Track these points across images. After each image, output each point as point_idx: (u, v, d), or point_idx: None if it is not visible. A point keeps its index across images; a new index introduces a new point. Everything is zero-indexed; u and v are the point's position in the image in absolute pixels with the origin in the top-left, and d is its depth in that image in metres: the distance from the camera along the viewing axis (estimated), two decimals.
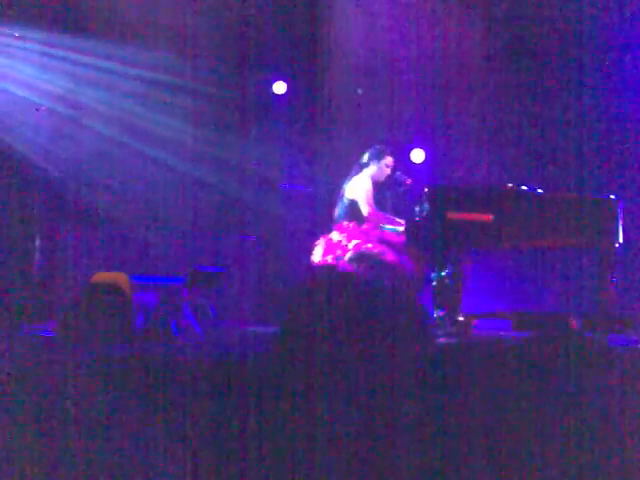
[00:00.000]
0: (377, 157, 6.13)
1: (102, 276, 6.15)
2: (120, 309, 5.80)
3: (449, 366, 2.74)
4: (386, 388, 2.69)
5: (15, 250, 7.68)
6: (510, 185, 5.55)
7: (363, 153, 6.21)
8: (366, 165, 6.14)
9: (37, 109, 8.03)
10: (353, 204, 5.99)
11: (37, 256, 7.86)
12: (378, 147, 6.23)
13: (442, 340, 5.15)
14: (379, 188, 6.22)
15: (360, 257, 5.66)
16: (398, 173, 6.23)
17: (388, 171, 6.17)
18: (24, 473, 2.90)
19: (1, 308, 6.59)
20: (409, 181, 6.19)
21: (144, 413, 3.16)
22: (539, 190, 5.51)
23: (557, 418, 2.51)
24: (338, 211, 6.12)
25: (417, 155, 8.28)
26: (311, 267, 5.76)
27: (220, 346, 5.69)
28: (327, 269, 5.32)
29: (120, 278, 6.00)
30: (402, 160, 7.45)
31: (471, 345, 2.95)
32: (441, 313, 5.62)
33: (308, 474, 2.61)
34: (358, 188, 6.00)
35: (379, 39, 8.24)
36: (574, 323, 5.59)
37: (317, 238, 6.08)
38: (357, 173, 6.14)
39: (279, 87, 8.51)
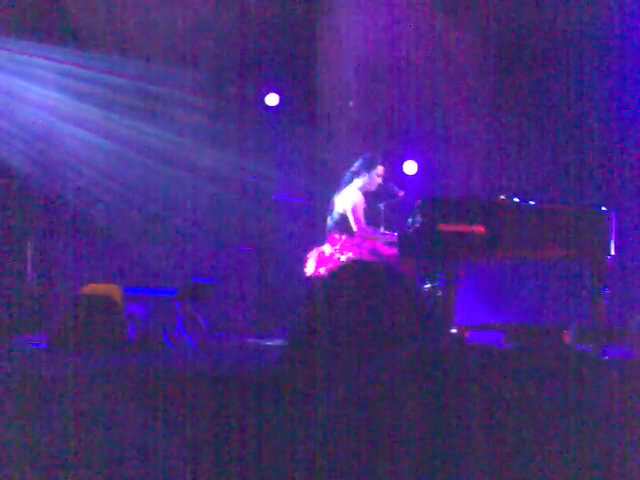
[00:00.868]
0: (368, 166, 6.04)
1: (94, 288, 6.16)
2: (112, 321, 5.80)
3: (442, 372, 2.74)
4: (387, 387, 2.69)
5: (8, 261, 7.67)
6: (502, 197, 5.55)
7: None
8: (357, 174, 6.04)
9: (33, 122, 8.04)
10: (343, 217, 5.92)
11: (30, 267, 7.84)
12: (369, 156, 6.14)
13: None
14: (371, 200, 6.17)
15: None
16: (390, 185, 6.17)
17: (379, 180, 6.08)
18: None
19: None
20: (401, 193, 6.14)
21: (136, 424, 3.15)
22: (531, 202, 5.52)
23: (543, 430, 2.51)
24: (329, 223, 6.05)
25: (409, 167, 8.29)
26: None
27: (212, 358, 5.68)
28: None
29: (112, 290, 6.01)
30: (394, 172, 7.45)
31: (463, 352, 2.95)
32: None
33: (308, 474, 2.61)
34: (348, 202, 5.92)
35: (372, 52, 8.26)
36: (566, 336, 5.59)
37: (311, 250, 6.06)
38: (348, 182, 6.04)
39: (271, 99, 8.52)
